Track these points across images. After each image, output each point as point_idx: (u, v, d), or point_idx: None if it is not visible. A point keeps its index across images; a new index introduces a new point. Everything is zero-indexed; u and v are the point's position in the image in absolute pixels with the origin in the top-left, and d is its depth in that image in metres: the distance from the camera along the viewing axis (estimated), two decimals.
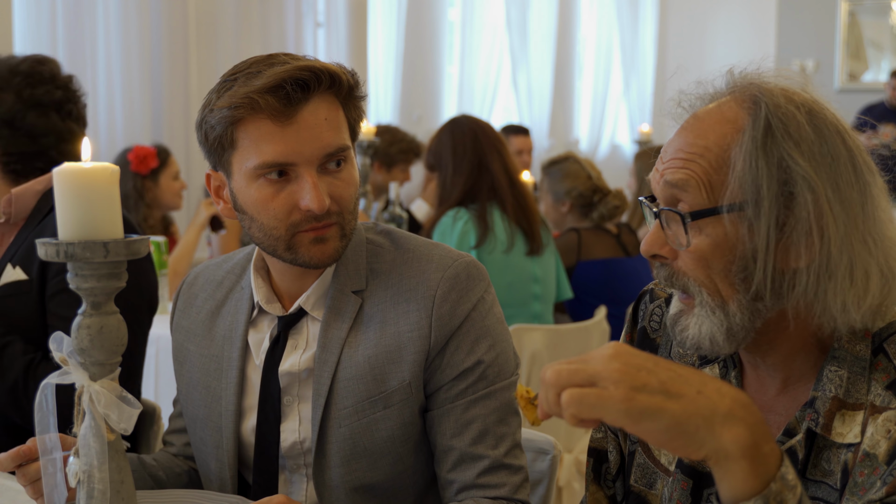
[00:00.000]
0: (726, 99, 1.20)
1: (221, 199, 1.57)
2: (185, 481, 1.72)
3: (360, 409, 1.52)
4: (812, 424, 1.17)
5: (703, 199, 1.15)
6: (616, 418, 0.95)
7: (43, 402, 1.26)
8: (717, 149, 1.16)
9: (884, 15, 9.02)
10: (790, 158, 1.12)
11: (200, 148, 1.54)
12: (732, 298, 1.16)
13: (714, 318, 1.17)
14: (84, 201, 1.15)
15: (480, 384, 1.53)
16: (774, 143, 1.13)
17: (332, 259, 1.52)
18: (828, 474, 1.17)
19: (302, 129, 1.45)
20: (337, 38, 6.31)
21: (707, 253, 1.16)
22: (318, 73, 1.46)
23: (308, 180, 1.46)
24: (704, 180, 1.15)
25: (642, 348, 1.40)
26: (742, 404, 0.98)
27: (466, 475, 1.51)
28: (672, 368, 0.98)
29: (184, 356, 1.68)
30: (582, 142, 8.66)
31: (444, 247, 1.59)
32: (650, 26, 9.24)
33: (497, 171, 3.47)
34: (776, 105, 1.15)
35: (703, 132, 1.18)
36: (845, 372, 1.17)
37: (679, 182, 1.16)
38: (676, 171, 1.17)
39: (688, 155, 1.17)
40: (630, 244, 3.98)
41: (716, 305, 1.17)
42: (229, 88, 1.46)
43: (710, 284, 1.17)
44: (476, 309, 1.54)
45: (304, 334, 1.58)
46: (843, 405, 1.16)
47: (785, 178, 1.12)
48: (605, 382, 0.95)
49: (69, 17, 4.80)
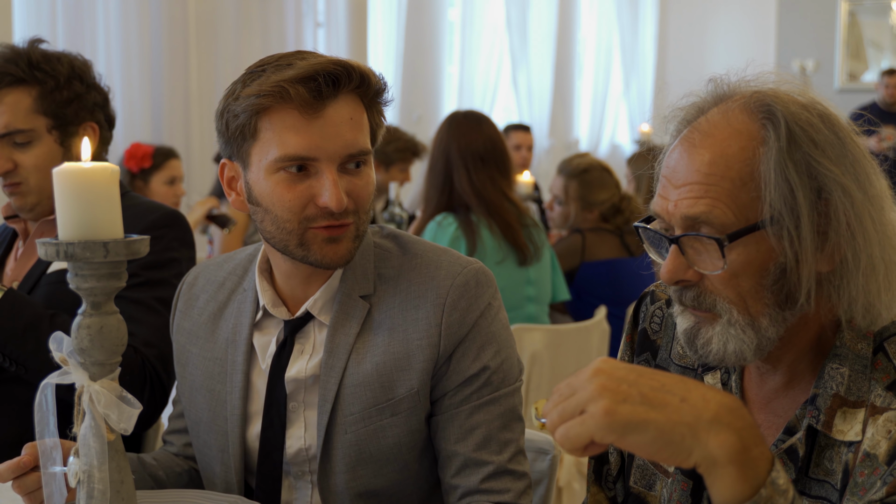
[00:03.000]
0: (732, 109, 1.17)
1: (234, 190, 1.55)
2: (185, 481, 1.71)
3: (366, 416, 1.51)
4: (813, 421, 1.17)
5: (732, 219, 1.13)
6: (603, 435, 0.95)
7: (43, 403, 1.26)
8: (739, 165, 1.13)
9: (884, 15, 9.02)
10: (818, 164, 1.12)
11: (218, 138, 1.52)
12: (763, 314, 1.15)
13: (745, 336, 1.15)
14: (84, 201, 1.15)
15: (485, 390, 1.52)
16: (800, 151, 1.12)
17: (345, 260, 1.50)
18: (830, 473, 1.17)
19: (327, 124, 1.45)
20: (337, 38, 6.31)
21: (739, 271, 1.14)
22: (350, 70, 1.46)
23: (328, 177, 1.45)
24: (729, 201, 1.13)
25: (643, 350, 1.40)
26: (729, 409, 0.97)
27: (470, 480, 1.50)
28: (655, 378, 0.98)
29: (186, 358, 1.67)
30: (582, 142, 8.66)
31: (453, 252, 1.58)
32: (650, 26, 9.24)
33: (464, 189, 3.38)
34: (792, 113, 1.14)
35: (718, 149, 1.14)
36: (847, 370, 1.17)
37: (702, 215, 1.13)
38: (696, 201, 1.14)
39: (706, 178, 1.14)
40: (633, 244, 3.99)
41: (746, 324, 1.15)
42: (258, 77, 1.45)
43: (740, 302, 1.15)
44: (483, 316, 1.53)
45: (311, 339, 1.57)
46: (845, 402, 1.16)
47: (817, 186, 1.12)
48: (587, 404, 0.96)
49: (69, 16, 4.81)
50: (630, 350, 1.42)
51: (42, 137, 2.02)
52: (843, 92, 8.75)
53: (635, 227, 1.24)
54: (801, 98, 1.17)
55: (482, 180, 3.39)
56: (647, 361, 1.40)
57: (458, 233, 3.36)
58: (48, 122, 2.02)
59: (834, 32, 8.95)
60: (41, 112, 2.01)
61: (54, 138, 2.03)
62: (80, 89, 2.07)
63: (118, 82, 5.00)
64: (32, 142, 2.01)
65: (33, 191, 2.02)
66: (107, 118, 2.15)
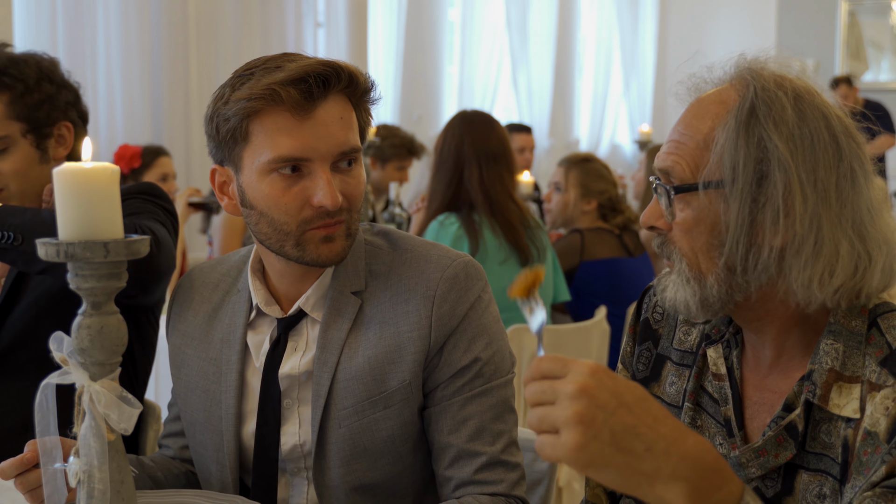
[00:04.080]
0: (726, 84, 1.25)
1: (226, 195, 1.56)
2: (183, 482, 1.72)
3: (359, 410, 1.53)
4: (809, 396, 1.20)
5: (688, 175, 1.22)
6: (569, 463, 0.99)
7: (43, 402, 1.26)
8: (707, 128, 1.22)
9: (884, 15, 9.02)
10: (768, 139, 1.17)
11: (208, 143, 1.53)
12: (711, 272, 1.22)
13: (688, 287, 1.23)
14: (84, 201, 1.15)
15: (477, 381, 1.53)
16: (756, 124, 1.18)
17: (340, 258, 1.52)
18: (828, 447, 1.19)
19: (319, 124, 1.46)
20: (337, 38, 6.32)
21: (691, 226, 1.22)
22: (339, 71, 1.48)
23: (322, 177, 1.46)
24: (689, 160, 1.22)
25: (644, 339, 1.44)
26: (690, 463, 1.00)
27: (464, 472, 1.52)
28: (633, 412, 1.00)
29: (181, 360, 1.68)
30: (582, 142, 8.66)
31: (442, 246, 1.60)
32: (650, 26, 9.24)
33: (472, 187, 3.38)
34: (763, 88, 1.20)
35: (701, 114, 1.24)
36: (841, 345, 1.20)
37: (668, 168, 1.24)
38: (668, 156, 1.24)
39: (681, 137, 1.24)
40: (632, 244, 4.00)
41: (691, 276, 1.23)
42: (247, 81, 1.46)
43: (691, 256, 1.23)
44: (474, 308, 1.55)
45: (303, 336, 1.58)
46: (840, 377, 1.19)
47: (761, 158, 1.17)
48: (563, 428, 0.99)
49: (69, 16, 4.81)
50: (633, 340, 1.46)
51: (17, 143, 2.00)
52: None
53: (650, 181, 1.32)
54: (791, 80, 1.22)
55: (492, 179, 3.41)
56: (649, 350, 1.43)
57: (460, 232, 3.36)
58: (22, 127, 2.00)
59: (834, 32, 8.95)
60: (13, 117, 1.99)
61: (30, 142, 2.01)
62: (51, 90, 2.05)
63: (118, 82, 5.00)
64: (8, 148, 1.99)
65: (15, 196, 2.00)
66: (80, 115, 2.12)
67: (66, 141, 2.09)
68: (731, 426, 1.29)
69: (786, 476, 1.22)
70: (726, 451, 1.28)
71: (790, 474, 1.22)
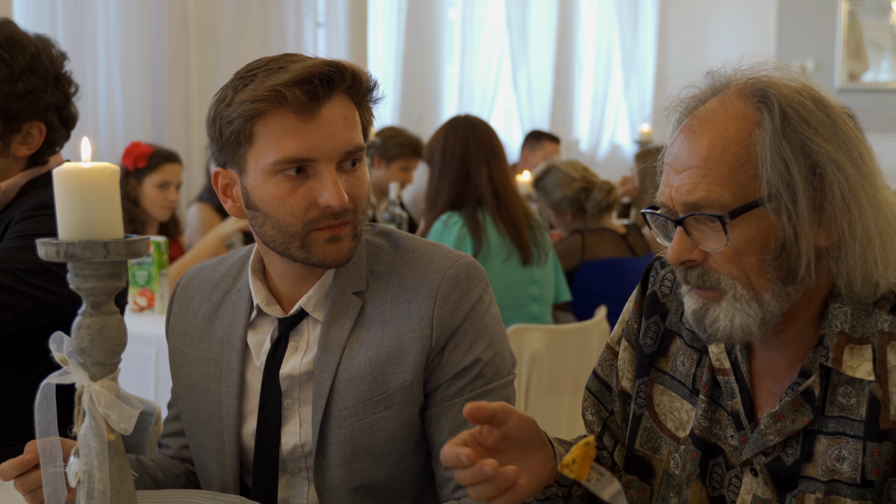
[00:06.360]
0: (729, 97, 1.23)
1: (230, 198, 1.55)
2: (182, 482, 1.72)
3: (361, 410, 1.52)
4: (823, 360, 1.23)
5: (730, 199, 1.19)
6: None
7: (43, 402, 1.26)
8: (735, 147, 1.19)
9: (884, 15, 9.02)
10: (811, 142, 1.18)
11: (211, 145, 1.53)
12: (766, 288, 1.21)
13: (749, 310, 1.21)
14: (84, 201, 1.16)
15: (478, 382, 1.54)
16: (794, 131, 1.18)
17: (346, 258, 1.52)
18: (846, 409, 1.22)
19: (324, 125, 1.46)
20: (337, 38, 6.31)
21: (741, 248, 1.20)
22: (343, 70, 1.47)
23: (328, 177, 1.46)
24: (726, 183, 1.19)
25: (651, 313, 1.44)
26: None
27: None
28: None
29: (181, 360, 1.68)
30: (582, 142, 8.66)
31: (443, 247, 1.60)
32: (650, 26, 9.24)
33: (482, 184, 3.43)
34: (785, 95, 1.20)
35: (716, 134, 1.21)
36: (849, 308, 1.23)
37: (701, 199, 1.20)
38: (696, 185, 1.20)
39: (705, 162, 1.20)
40: (637, 245, 4.00)
41: (750, 298, 1.21)
42: (250, 82, 1.46)
43: (743, 278, 1.21)
44: (475, 308, 1.55)
45: (304, 336, 1.58)
46: (850, 339, 1.22)
47: (811, 162, 1.18)
48: None
49: (69, 16, 4.80)
50: (639, 316, 1.46)
51: None
52: (843, 92, 8.74)
53: (643, 214, 1.30)
54: (794, 83, 1.23)
55: (500, 175, 3.47)
56: (657, 324, 1.43)
57: (463, 231, 3.39)
58: None
59: (834, 32, 8.94)
60: None
61: None
62: (35, 85, 1.92)
63: (118, 82, 5.00)
64: None
65: None
66: (63, 119, 2.00)
67: (32, 141, 1.96)
68: (739, 419, 1.31)
69: (804, 442, 1.25)
70: (737, 444, 1.30)
71: (809, 440, 1.25)
